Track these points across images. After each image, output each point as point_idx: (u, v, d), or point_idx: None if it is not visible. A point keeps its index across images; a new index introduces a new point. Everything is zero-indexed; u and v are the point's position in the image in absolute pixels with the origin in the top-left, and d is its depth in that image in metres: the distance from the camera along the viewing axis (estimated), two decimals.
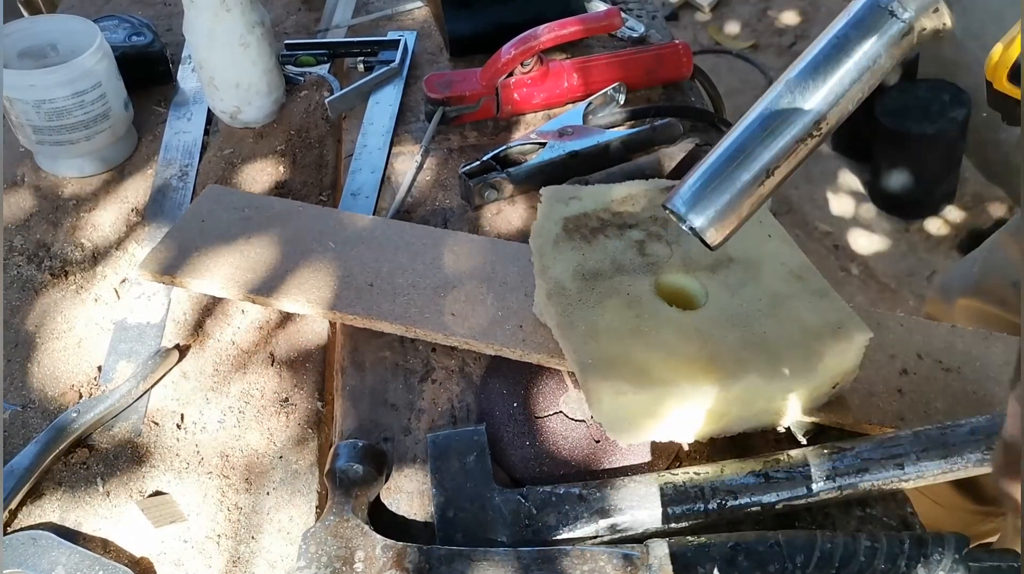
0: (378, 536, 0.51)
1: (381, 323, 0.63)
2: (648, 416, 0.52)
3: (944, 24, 0.41)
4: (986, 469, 0.56)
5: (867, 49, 0.41)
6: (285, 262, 0.68)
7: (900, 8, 0.39)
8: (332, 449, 0.56)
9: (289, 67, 0.95)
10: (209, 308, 0.72)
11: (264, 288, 0.66)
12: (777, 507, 0.53)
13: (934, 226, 2.06)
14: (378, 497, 0.56)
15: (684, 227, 0.46)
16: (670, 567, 0.48)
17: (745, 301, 0.57)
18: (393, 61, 0.93)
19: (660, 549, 0.49)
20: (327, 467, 0.55)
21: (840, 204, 2.14)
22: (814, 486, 0.53)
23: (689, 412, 0.53)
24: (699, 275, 0.59)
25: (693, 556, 0.49)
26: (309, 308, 0.65)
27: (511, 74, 0.85)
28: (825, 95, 0.42)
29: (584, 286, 0.58)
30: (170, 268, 0.68)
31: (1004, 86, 0.60)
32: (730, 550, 0.49)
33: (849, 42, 0.41)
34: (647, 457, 0.57)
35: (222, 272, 0.68)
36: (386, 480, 0.57)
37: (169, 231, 0.72)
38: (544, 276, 0.59)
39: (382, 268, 0.67)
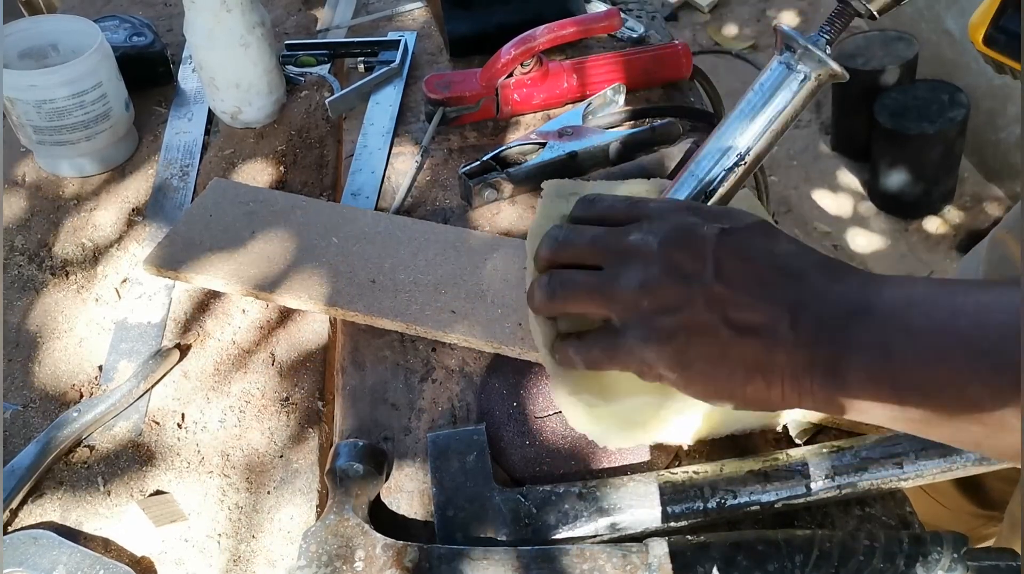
0: (378, 535, 0.51)
1: (382, 320, 0.64)
2: (628, 425, 0.52)
3: (834, 73, 0.52)
4: (985, 468, 0.56)
5: (783, 94, 0.53)
6: (288, 258, 0.68)
7: (798, 66, 0.52)
8: (332, 448, 0.56)
9: (289, 67, 0.95)
10: (210, 308, 0.72)
11: (267, 284, 0.66)
12: (776, 506, 0.53)
13: (933, 226, 2.06)
14: (378, 496, 0.57)
15: None
16: (669, 566, 0.48)
17: None
18: (393, 61, 0.93)
19: (659, 548, 0.49)
20: (327, 466, 0.55)
21: (839, 204, 2.15)
22: (813, 485, 0.53)
23: (670, 417, 0.52)
24: None
25: (692, 555, 0.49)
26: (311, 304, 0.65)
27: (511, 75, 0.85)
28: (756, 132, 0.54)
29: None
30: (174, 263, 0.68)
31: (982, 48, 0.66)
32: (729, 549, 0.49)
33: (768, 90, 0.54)
34: (646, 456, 0.57)
35: (225, 267, 0.68)
36: (386, 479, 0.57)
37: (174, 226, 0.72)
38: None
39: (384, 264, 0.67)
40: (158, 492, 0.60)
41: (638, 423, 0.52)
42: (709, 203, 0.57)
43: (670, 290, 0.44)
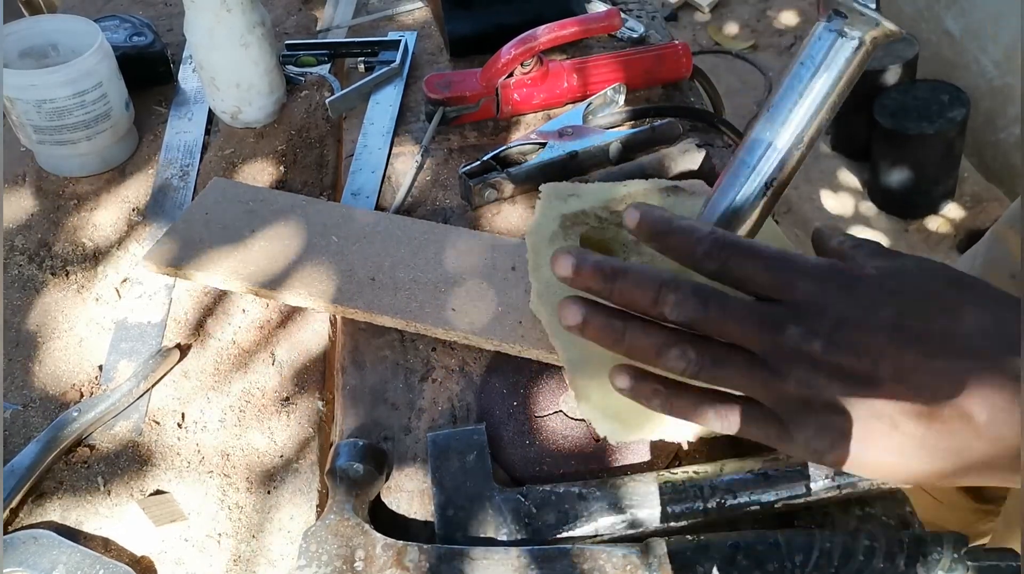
0: (378, 535, 0.51)
1: (382, 318, 0.64)
2: (636, 414, 0.52)
3: (890, 32, 0.46)
4: None
5: (837, 64, 0.47)
6: (288, 256, 0.69)
7: (850, 31, 0.46)
8: (332, 448, 0.56)
9: (290, 67, 0.95)
10: (210, 307, 0.72)
11: (267, 281, 0.66)
12: (776, 506, 0.53)
13: (933, 226, 2.06)
14: (378, 496, 0.57)
15: None
16: (669, 566, 0.48)
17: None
18: (393, 61, 0.93)
19: (659, 548, 0.49)
20: (328, 466, 0.55)
21: (839, 203, 2.15)
22: (813, 485, 0.53)
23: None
24: (695, 275, 0.59)
25: (692, 555, 0.49)
26: (311, 302, 0.65)
27: (511, 74, 0.85)
28: (810, 111, 0.49)
29: None
30: (174, 261, 0.69)
31: None
32: (729, 549, 0.49)
33: (820, 62, 0.48)
34: (647, 456, 0.57)
35: (225, 265, 0.68)
36: (386, 479, 0.57)
37: (174, 224, 0.72)
38: (537, 274, 0.59)
39: (384, 263, 0.68)
40: (158, 492, 0.60)
41: (644, 414, 0.52)
42: (769, 191, 0.52)
43: (841, 391, 0.41)
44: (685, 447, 0.58)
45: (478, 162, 0.78)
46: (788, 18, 2.69)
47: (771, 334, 0.42)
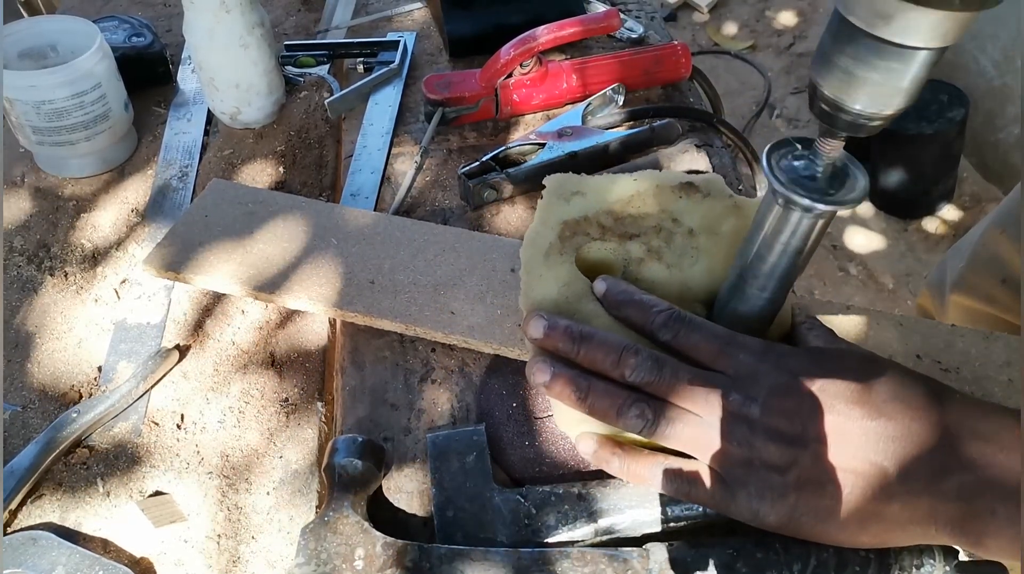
0: (378, 534, 0.51)
1: (382, 321, 0.64)
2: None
3: (845, 208, 0.46)
4: None
5: (785, 235, 0.49)
6: (287, 258, 0.68)
7: (807, 213, 0.47)
8: (330, 443, 0.56)
9: (289, 68, 0.95)
10: (209, 308, 0.72)
11: (266, 285, 0.66)
12: None
13: (932, 226, 2.06)
14: (376, 494, 0.57)
15: None
16: (670, 571, 0.49)
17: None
18: (393, 62, 0.93)
19: (660, 553, 0.49)
20: (325, 461, 0.55)
21: None
22: None
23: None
24: (696, 306, 0.56)
25: (692, 561, 0.49)
26: (311, 305, 0.65)
27: (510, 75, 0.85)
28: (769, 269, 0.50)
29: (567, 309, 0.54)
30: (174, 264, 0.68)
31: None
32: (729, 556, 0.49)
33: (770, 233, 0.49)
34: None
35: (225, 268, 0.68)
36: (384, 475, 0.57)
37: (173, 227, 0.72)
38: (526, 299, 0.55)
39: (384, 265, 0.67)
40: (157, 493, 0.60)
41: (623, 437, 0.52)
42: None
43: (776, 452, 0.46)
44: None
45: (477, 162, 0.78)
46: (787, 18, 2.69)
47: (716, 398, 0.48)
